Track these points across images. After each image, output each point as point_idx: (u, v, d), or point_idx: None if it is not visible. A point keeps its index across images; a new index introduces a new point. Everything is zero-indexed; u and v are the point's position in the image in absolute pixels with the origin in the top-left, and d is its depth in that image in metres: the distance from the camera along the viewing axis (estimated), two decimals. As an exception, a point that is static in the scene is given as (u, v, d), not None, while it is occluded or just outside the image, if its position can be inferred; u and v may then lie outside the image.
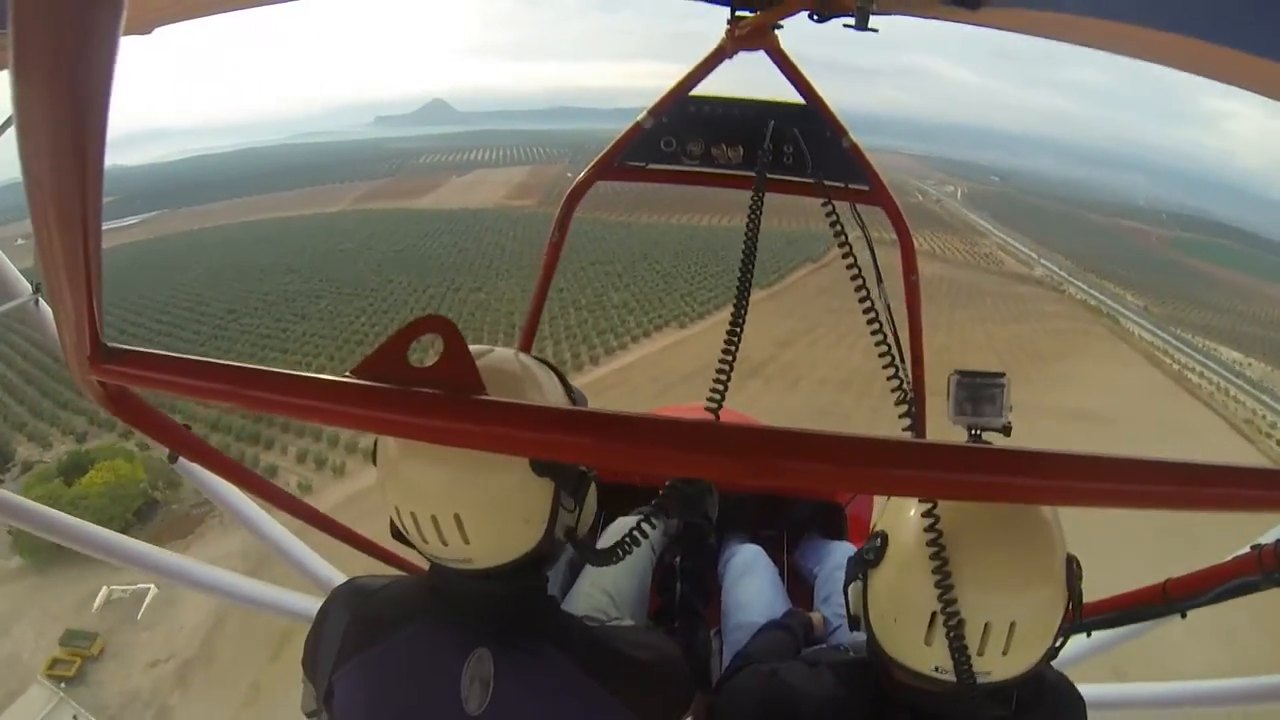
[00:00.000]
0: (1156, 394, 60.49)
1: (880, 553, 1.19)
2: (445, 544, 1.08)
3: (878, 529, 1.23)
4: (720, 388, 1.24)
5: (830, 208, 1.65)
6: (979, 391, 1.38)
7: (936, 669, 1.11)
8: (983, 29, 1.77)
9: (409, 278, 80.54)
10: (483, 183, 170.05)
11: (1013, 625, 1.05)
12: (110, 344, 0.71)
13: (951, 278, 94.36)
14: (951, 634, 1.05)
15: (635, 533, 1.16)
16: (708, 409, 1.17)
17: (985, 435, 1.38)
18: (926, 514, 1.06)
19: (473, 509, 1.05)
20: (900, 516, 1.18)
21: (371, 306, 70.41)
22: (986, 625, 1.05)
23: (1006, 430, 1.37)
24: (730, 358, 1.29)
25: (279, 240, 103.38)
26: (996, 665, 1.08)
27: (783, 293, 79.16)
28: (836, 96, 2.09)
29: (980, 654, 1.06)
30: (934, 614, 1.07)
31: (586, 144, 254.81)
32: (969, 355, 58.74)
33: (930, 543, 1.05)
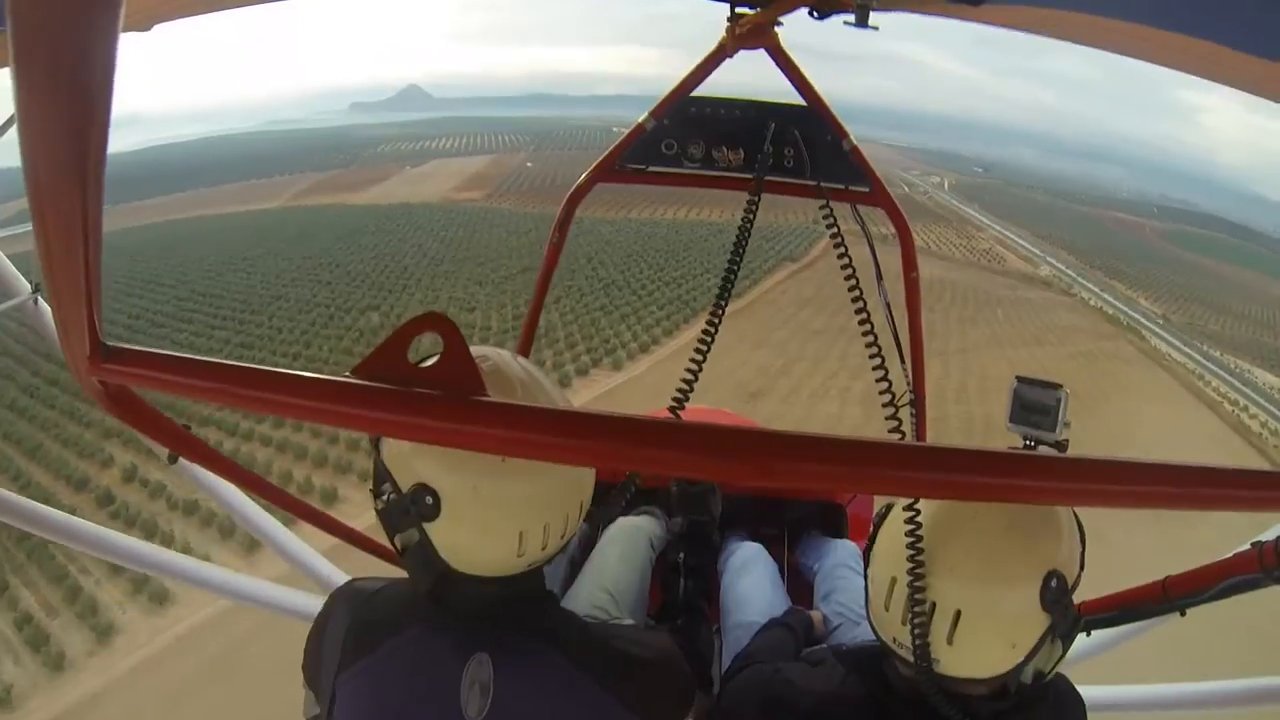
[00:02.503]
0: (1224, 452, 48.73)
1: (879, 524, 1.26)
2: None
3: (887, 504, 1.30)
4: (686, 387, 1.21)
5: (829, 214, 1.67)
6: (1036, 400, 1.40)
7: (894, 640, 1.17)
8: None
9: (302, 292, 67.26)
10: (437, 173, 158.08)
11: (958, 614, 1.07)
12: (110, 343, 0.70)
13: (954, 280, 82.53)
14: (913, 604, 1.09)
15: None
16: (671, 409, 1.15)
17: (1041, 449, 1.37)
18: (909, 506, 1.12)
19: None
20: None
21: (237, 337, 56.83)
22: (933, 605, 1.08)
23: (1061, 447, 1.38)
24: (701, 358, 1.29)
25: (191, 244, 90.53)
26: (943, 654, 1.10)
27: (757, 305, 65.61)
28: (817, 84, 2.09)
29: (926, 636, 1.10)
30: (894, 579, 1.14)
31: (554, 131, 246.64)
32: (992, 401, 45.69)
33: (909, 519, 1.10)
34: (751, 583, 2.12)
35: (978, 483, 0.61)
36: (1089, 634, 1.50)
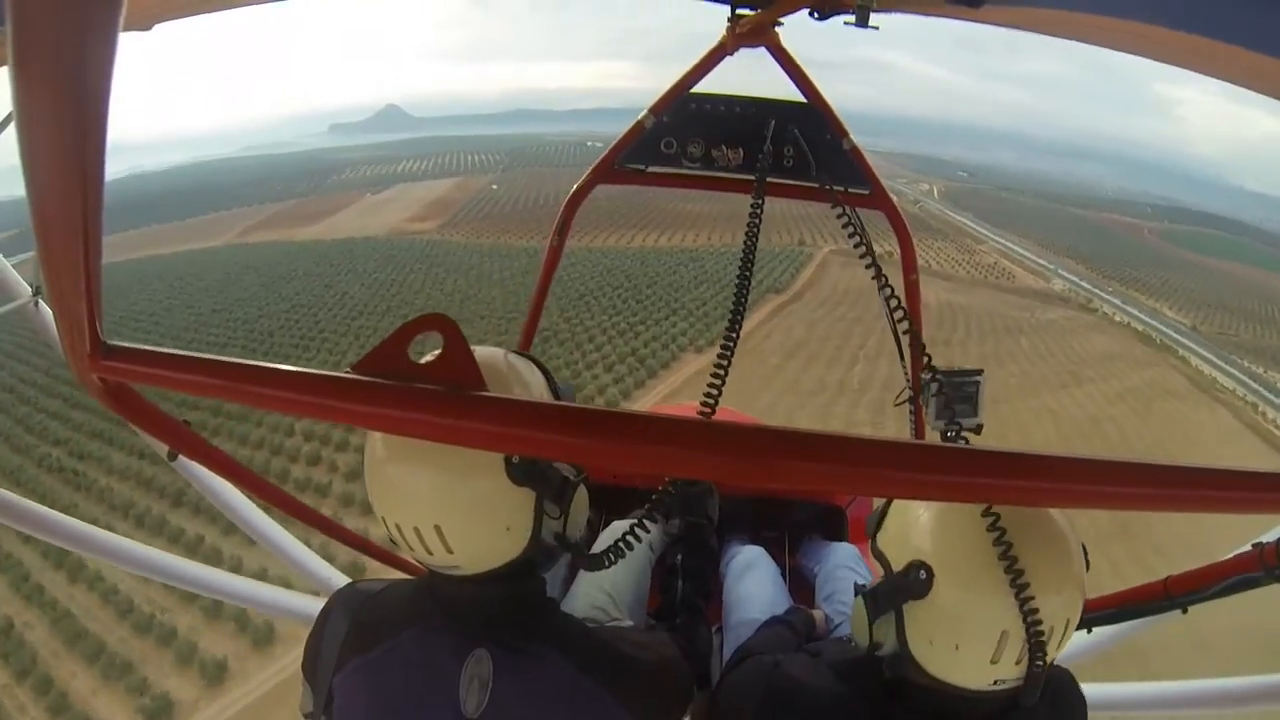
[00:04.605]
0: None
1: (927, 585, 1.11)
2: (430, 553, 1.09)
3: (912, 560, 1.13)
4: (715, 390, 1.20)
5: (841, 212, 1.69)
6: (957, 393, 1.43)
7: (996, 682, 1.10)
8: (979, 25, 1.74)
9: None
10: (397, 200, 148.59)
11: (1068, 623, 1.07)
12: (110, 341, 0.70)
13: (965, 305, 72.46)
14: (1034, 647, 1.04)
15: (629, 537, 1.18)
16: (701, 412, 1.14)
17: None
18: (998, 540, 1.03)
19: (452, 519, 1.06)
20: (941, 541, 1.12)
21: (90, 421, 45.43)
22: (1050, 630, 1.06)
23: (978, 429, 1.40)
24: (726, 359, 1.27)
25: (113, 294, 78.71)
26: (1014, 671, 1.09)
27: (737, 355, 44.29)
28: (796, 92, 2.04)
29: (1017, 662, 1.08)
30: (1004, 632, 1.05)
31: (527, 149, 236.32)
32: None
33: (1003, 555, 1.02)
34: (754, 583, 2.12)
35: (996, 484, 0.59)
36: (1089, 631, 1.44)
